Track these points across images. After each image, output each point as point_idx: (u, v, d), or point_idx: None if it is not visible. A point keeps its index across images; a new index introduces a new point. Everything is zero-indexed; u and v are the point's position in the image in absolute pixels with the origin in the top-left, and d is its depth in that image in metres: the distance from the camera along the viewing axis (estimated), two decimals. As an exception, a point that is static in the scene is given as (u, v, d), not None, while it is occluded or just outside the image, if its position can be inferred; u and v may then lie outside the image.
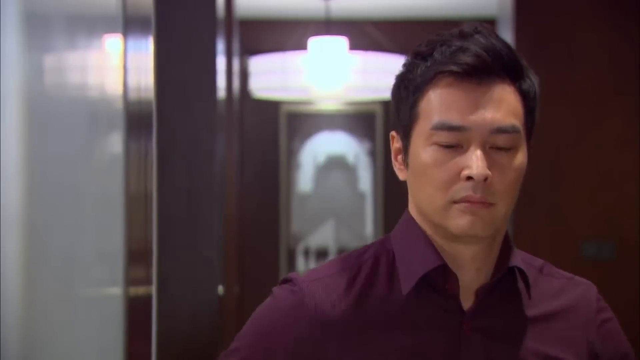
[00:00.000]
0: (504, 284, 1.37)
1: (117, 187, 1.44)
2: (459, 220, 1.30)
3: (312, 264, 6.87)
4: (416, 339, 1.34)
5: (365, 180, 6.98)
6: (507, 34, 4.45)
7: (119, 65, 1.46)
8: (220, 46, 2.93)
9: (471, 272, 1.36)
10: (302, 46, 5.69)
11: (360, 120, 6.91)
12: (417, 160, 1.33)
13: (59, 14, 1.09)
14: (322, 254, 6.89)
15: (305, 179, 6.97)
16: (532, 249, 1.50)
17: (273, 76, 5.45)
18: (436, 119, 1.31)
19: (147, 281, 1.91)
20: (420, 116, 1.33)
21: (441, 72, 1.31)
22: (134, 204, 1.57)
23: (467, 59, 1.30)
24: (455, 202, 1.30)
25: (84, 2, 1.25)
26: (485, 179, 1.28)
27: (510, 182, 1.31)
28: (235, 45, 5.23)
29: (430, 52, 1.35)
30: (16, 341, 0.92)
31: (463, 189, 1.29)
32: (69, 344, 1.15)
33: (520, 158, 1.33)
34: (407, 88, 1.36)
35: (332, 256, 6.88)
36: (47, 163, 1.03)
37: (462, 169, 1.29)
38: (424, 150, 1.32)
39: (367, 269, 1.39)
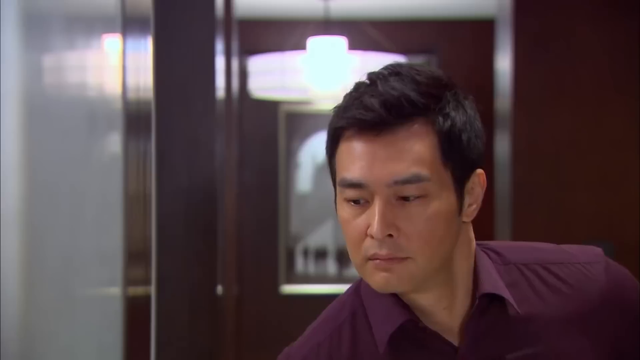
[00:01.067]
0: (491, 308, 1.34)
1: (116, 187, 1.44)
2: (375, 278, 1.27)
3: (311, 264, 6.87)
4: None
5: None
6: (506, 34, 4.45)
7: (118, 65, 1.45)
8: (219, 46, 2.93)
9: (440, 313, 1.34)
10: (301, 46, 5.69)
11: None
12: (338, 214, 1.32)
13: (58, 14, 1.09)
14: (321, 254, 6.89)
15: (304, 178, 6.97)
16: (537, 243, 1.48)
17: (272, 76, 5.45)
18: (340, 175, 1.29)
19: (146, 281, 1.91)
20: (335, 169, 1.31)
21: (341, 126, 1.28)
22: (133, 204, 1.57)
23: (359, 114, 1.25)
24: (368, 259, 1.27)
25: (82, 2, 1.25)
26: (390, 235, 1.24)
27: (422, 233, 1.25)
28: (234, 45, 5.23)
29: (344, 99, 1.31)
30: (15, 341, 0.92)
31: (370, 247, 1.26)
32: (67, 344, 1.15)
33: (435, 205, 1.25)
34: (327, 138, 1.33)
35: (330, 256, 6.87)
36: (45, 163, 1.03)
37: (368, 226, 1.26)
38: (340, 206, 1.31)
39: (347, 332, 1.38)
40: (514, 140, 4.32)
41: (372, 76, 1.29)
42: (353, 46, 5.59)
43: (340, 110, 1.30)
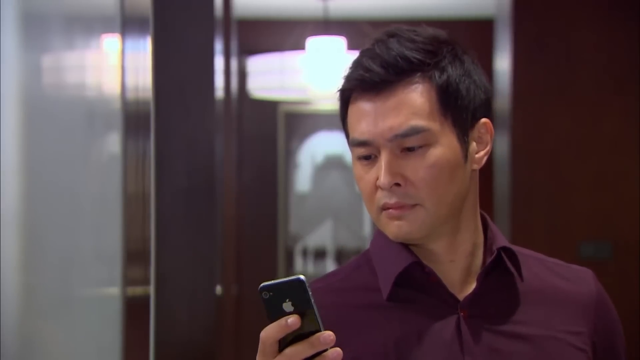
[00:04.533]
0: (496, 267, 1.39)
1: (115, 187, 1.44)
2: (388, 226, 1.35)
3: (310, 264, 6.87)
4: (411, 331, 1.35)
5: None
6: (505, 34, 4.45)
7: (117, 65, 1.46)
8: (219, 46, 2.93)
9: (445, 264, 1.38)
10: (300, 46, 5.69)
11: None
12: (354, 173, 1.39)
13: (57, 14, 1.09)
14: (320, 254, 6.89)
15: (303, 178, 6.97)
16: (529, 249, 1.50)
17: (271, 76, 5.45)
18: (350, 136, 1.37)
19: (145, 281, 1.92)
20: (348, 132, 1.39)
21: (347, 89, 1.37)
22: (132, 204, 1.57)
23: (359, 75, 1.34)
24: (381, 208, 1.35)
25: (81, 2, 1.25)
26: (398, 185, 1.32)
27: (427, 179, 1.32)
28: (234, 45, 5.23)
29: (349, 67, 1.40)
30: (15, 340, 0.92)
31: (381, 197, 1.34)
32: (67, 343, 1.15)
33: (437, 153, 1.33)
34: (339, 105, 1.41)
35: (330, 256, 6.88)
36: (45, 163, 1.03)
37: (377, 179, 1.33)
38: (354, 164, 1.38)
39: (349, 281, 1.42)
40: (513, 140, 4.32)
41: (373, 41, 1.37)
42: (352, 46, 5.59)
43: (346, 75, 1.38)
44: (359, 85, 1.34)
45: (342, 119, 1.40)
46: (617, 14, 4.33)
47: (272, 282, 1.16)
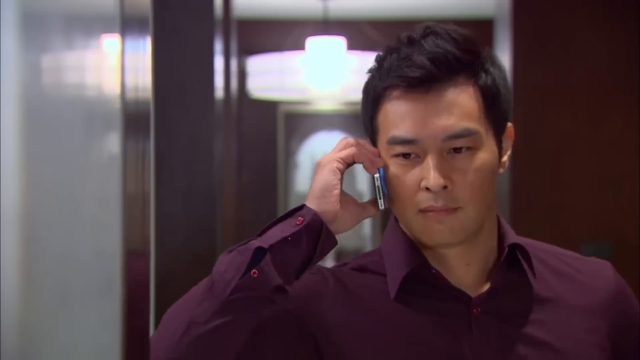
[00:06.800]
0: (509, 265, 1.37)
1: (114, 188, 1.44)
2: (428, 230, 1.31)
3: (310, 264, 6.86)
4: (419, 331, 1.34)
5: (363, 180, 6.97)
6: (504, 34, 4.45)
7: (117, 65, 1.45)
8: (218, 46, 2.93)
9: (461, 268, 1.36)
10: (300, 46, 5.69)
11: (357, 120, 6.90)
12: (387, 172, 1.34)
13: (56, 14, 1.09)
14: (320, 254, 6.88)
15: (303, 178, 6.97)
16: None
17: (271, 76, 5.45)
18: (389, 133, 1.31)
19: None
20: (379, 129, 1.34)
21: (389, 85, 1.31)
22: (132, 204, 1.57)
23: (410, 71, 1.29)
24: (421, 211, 1.30)
25: (81, 2, 1.25)
26: (445, 187, 1.28)
27: (473, 183, 1.29)
28: (233, 45, 5.23)
29: (382, 62, 1.35)
30: (13, 340, 0.92)
31: (425, 199, 1.29)
32: (66, 343, 1.15)
33: (483, 157, 1.30)
34: (367, 100, 1.37)
35: (329, 256, 6.87)
36: (44, 163, 1.03)
37: (422, 180, 1.29)
38: (388, 163, 1.33)
39: (359, 278, 1.40)
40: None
41: (412, 36, 1.33)
42: (352, 46, 5.59)
43: (384, 70, 1.33)
44: (407, 82, 1.29)
45: (369, 116, 1.36)
46: (617, 14, 4.33)
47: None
